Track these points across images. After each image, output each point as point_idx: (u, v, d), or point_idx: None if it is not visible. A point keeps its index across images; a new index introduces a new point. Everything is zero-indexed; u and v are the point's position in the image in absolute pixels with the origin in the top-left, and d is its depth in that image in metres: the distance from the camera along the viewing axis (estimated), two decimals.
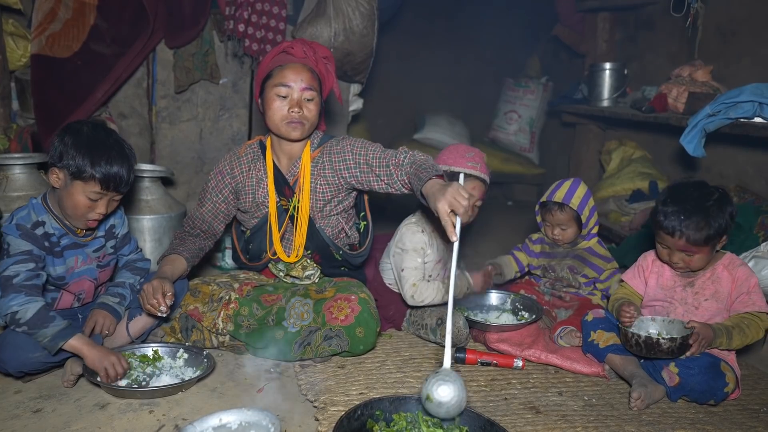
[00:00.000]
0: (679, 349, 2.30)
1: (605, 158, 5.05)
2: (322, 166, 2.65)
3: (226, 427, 1.62)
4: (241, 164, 2.74)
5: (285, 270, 2.78)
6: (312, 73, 2.58)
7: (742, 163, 3.94)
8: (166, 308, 2.28)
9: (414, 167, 2.42)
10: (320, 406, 2.19)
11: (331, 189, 2.67)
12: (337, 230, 2.77)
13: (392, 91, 6.51)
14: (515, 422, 2.13)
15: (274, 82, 2.54)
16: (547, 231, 3.11)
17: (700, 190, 2.39)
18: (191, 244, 2.66)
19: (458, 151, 2.89)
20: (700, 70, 3.89)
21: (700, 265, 2.44)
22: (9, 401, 2.18)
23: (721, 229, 2.33)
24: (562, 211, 2.98)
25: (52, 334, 2.16)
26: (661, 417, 2.25)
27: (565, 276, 3.08)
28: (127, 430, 2.03)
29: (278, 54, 2.61)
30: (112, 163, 2.24)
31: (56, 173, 2.26)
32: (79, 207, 2.27)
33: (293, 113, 2.53)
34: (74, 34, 3.57)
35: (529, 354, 2.64)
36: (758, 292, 2.41)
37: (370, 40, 4.10)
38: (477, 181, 2.83)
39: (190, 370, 2.42)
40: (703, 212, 2.31)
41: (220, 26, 4.04)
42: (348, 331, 2.47)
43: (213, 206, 2.74)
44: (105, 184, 2.25)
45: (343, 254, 2.78)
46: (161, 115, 4.16)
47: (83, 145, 2.22)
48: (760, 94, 3.04)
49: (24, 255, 2.22)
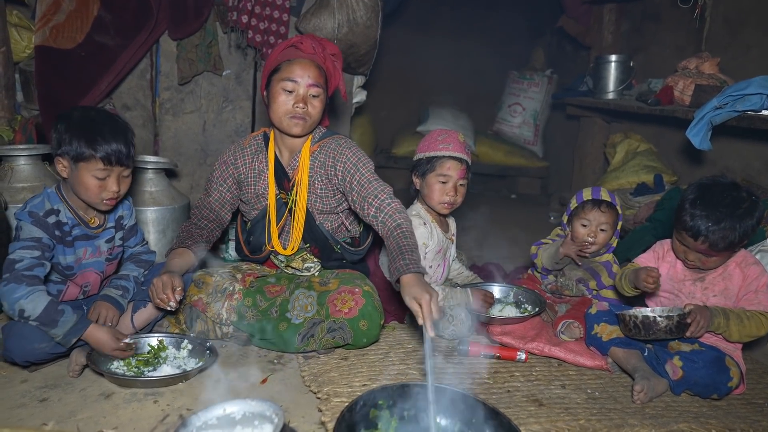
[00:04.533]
0: (677, 328, 2.29)
1: (610, 151, 5.05)
2: (320, 163, 2.66)
3: (229, 417, 1.61)
4: (245, 155, 2.75)
5: (285, 261, 2.79)
6: (319, 70, 2.57)
7: (749, 156, 3.93)
8: (176, 303, 2.30)
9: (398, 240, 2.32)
10: (323, 397, 2.20)
11: (326, 188, 2.68)
12: (336, 225, 2.77)
13: (396, 83, 6.52)
14: (518, 414, 2.14)
15: (282, 76, 2.54)
16: (581, 231, 2.95)
17: (731, 195, 2.29)
18: (199, 237, 2.66)
19: (431, 136, 2.92)
20: (707, 62, 3.88)
21: (715, 267, 2.43)
22: (16, 390, 2.21)
23: (747, 236, 2.29)
24: (609, 210, 2.91)
25: (64, 333, 2.19)
26: (664, 410, 2.25)
27: (570, 285, 3.05)
28: (131, 419, 2.04)
29: (287, 48, 2.60)
30: (108, 139, 2.26)
31: (61, 162, 2.29)
32: (90, 188, 2.29)
33: (297, 108, 2.53)
34: (78, 25, 3.57)
35: (532, 347, 2.64)
36: (767, 292, 2.39)
37: (373, 32, 4.10)
38: (452, 161, 2.82)
39: (193, 360, 2.44)
40: (733, 221, 2.24)
41: (224, 18, 4.04)
42: (352, 324, 2.47)
43: (219, 195, 2.76)
44: (107, 160, 2.26)
45: (342, 248, 2.79)
46: (165, 106, 4.16)
47: (76, 127, 2.25)
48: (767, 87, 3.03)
49: (33, 242, 2.23)
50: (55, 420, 2.02)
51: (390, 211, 2.43)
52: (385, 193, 2.50)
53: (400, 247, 2.28)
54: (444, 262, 2.98)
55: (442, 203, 2.85)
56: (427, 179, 2.86)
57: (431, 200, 2.87)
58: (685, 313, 2.30)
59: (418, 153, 2.92)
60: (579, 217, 2.97)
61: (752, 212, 2.26)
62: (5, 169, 3.15)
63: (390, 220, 2.41)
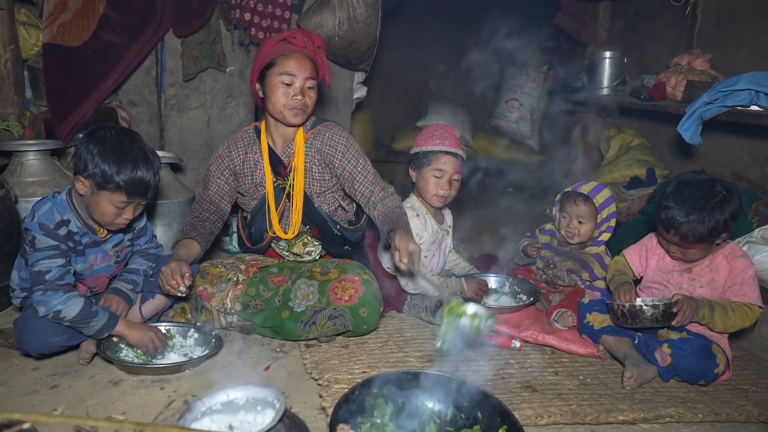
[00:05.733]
0: (662, 316, 2.34)
1: (604, 145, 5.08)
2: (316, 149, 2.75)
3: (233, 402, 1.63)
4: (238, 148, 2.83)
5: (287, 247, 2.86)
6: (312, 63, 2.67)
7: (738, 150, 3.98)
8: (186, 288, 2.33)
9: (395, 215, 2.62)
10: (324, 384, 2.25)
11: (323, 171, 2.77)
12: (334, 207, 2.86)
13: (396, 79, 6.53)
14: (512, 400, 2.20)
15: (279, 70, 2.61)
16: (563, 223, 3.07)
17: (704, 189, 2.34)
18: (202, 229, 2.72)
19: (428, 131, 2.99)
20: (699, 59, 3.92)
21: (695, 258, 2.47)
22: (27, 378, 2.26)
23: (717, 229, 2.32)
24: (585, 203, 2.97)
25: (97, 329, 2.25)
26: (653, 396, 2.31)
27: (562, 276, 3.11)
28: (139, 405, 2.10)
29: (279, 42, 2.67)
30: (137, 174, 2.22)
31: (82, 182, 2.25)
32: (106, 215, 2.28)
33: (296, 100, 2.62)
34: (84, 23, 3.60)
35: (526, 335, 2.70)
36: (752, 284, 2.42)
37: (374, 29, 4.13)
38: (448, 155, 2.90)
39: (199, 348, 2.50)
40: (701, 214, 2.29)
41: (227, 15, 4.08)
42: (352, 311, 2.54)
43: (218, 188, 2.83)
44: (131, 194, 2.25)
45: (341, 229, 2.86)
46: (170, 102, 4.20)
47: (108, 155, 2.19)
48: (757, 83, 3.07)
49: (52, 250, 2.24)
50: (65, 406, 2.07)
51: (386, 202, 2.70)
52: (380, 187, 2.74)
53: (397, 218, 2.60)
54: (439, 253, 3.05)
55: (436, 196, 2.92)
56: (422, 173, 2.93)
57: (426, 193, 2.94)
58: (671, 303, 2.35)
59: (414, 147, 2.99)
60: (560, 210, 3.09)
61: (722, 206, 2.29)
62: (15, 164, 3.19)
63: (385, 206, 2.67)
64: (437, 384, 1.89)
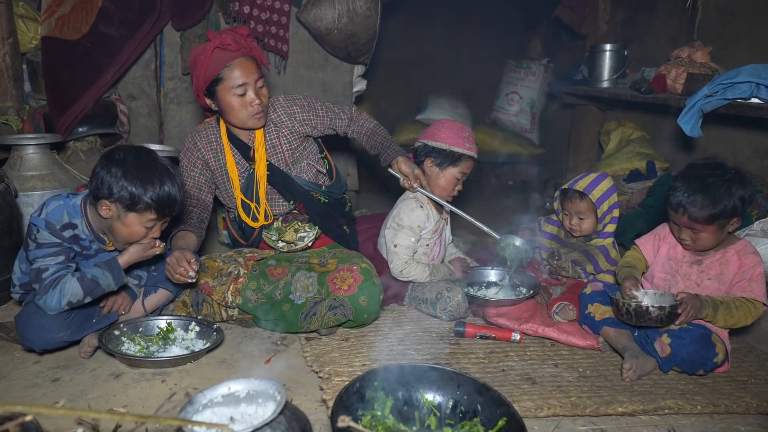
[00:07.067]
0: (667, 318, 2.35)
1: (604, 138, 5.08)
2: (278, 124, 2.79)
3: (234, 395, 1.62)
4: (202, 138, 2.81)
5: (278, 236, 2.86)
6: (253, 60, 2.63)
7: (738, 143, 3.97)
8: (195, 273, 2.33)
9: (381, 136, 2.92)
10: (325, 376, 2.26)
11: (290, 140, 2.81)
12: (312, 173, 2.88)
13: (395, 72, 6.53)
14: (512, 392, 2.21)
15: (229, 84, 2.57)
16: (565, 220, 3.05)
17: (713, 170, 2.36)
18: (190, 221, 2.72)
19: (454, 130, 2.95)
20: (699, 51, 3.92)
21: (706, 245, 2.45)
22: (29, 371, 2.28)
23: (727, 210, 2.31)
24: (581, 200, 2.94)
25: (113, 281, 2.28)
26: (652, 388, 2.32)
27: (566, 267, 3.09)
28: (140, 397, 2.11)
29: (214, 52, 2.56)
30: (164, 188, 2.20)
31: (107, 206, 2.20)
32: (135, 236, 2.27)
33: (255, 105, 2.61)
34: (83, 16, 3.59)
35: (526, 328, 2.70)
36: (760, 281, 2.41)
37: (373, 22, 4.12)
38: (472, 162, 2.95)
39: (200, 342, 2.51)
40: (709, 191, 2.31)
41: (226, 8, 4.07)
42: (352, 301, 2.54)
43: (193, 181, 2.81)
44: (160, 211, 2.24)
45: (324, 193, 2.89)
46: (169, 96, 4.20)
47: (132, 176, 2.16)
48: (757, 75, 3.05)
49: (54, 247, 2.23)
50: (66, 398, 2.08)
51: (360, 120, 2.98)
52: (345, 111, 2.96)
53: (384, 140, 2.90)
54: (440, 242, 3.06)
55: (451, 195, 2.96)
56: (445, 171, 2.92)
57: (441, 190, 2.94)
58: (677, 304, 2.35)
59: (437, 141, 2.92)
60: (560, 206, 3.08)
61: (731, 185, 2.31)
62: (15, 158, 3.20)
63: (366, 123, 2.97)
64: (437, 377, 1.90)
